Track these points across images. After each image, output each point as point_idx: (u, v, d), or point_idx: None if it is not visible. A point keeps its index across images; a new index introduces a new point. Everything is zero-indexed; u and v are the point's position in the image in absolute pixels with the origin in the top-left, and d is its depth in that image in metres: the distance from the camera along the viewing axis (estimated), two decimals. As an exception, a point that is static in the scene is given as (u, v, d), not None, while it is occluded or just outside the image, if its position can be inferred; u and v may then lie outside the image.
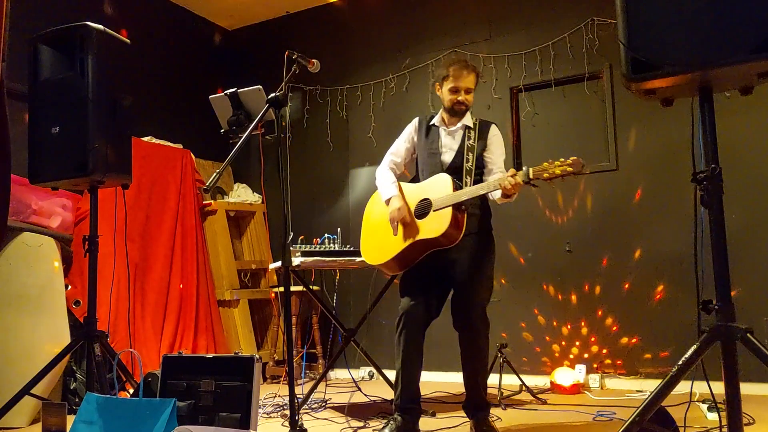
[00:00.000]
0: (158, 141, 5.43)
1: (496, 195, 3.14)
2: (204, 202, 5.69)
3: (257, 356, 2.64)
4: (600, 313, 4.62)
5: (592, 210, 4.76)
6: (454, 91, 3.35)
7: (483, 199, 3.30)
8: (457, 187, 3.16)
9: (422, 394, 3.33)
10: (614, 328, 4.57)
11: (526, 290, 4.91)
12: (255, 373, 2.62)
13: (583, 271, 4.72)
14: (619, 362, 4.52)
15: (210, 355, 2.77)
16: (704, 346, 1.96)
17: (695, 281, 2.20)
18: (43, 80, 3.39)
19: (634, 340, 4.49)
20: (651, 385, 4.32)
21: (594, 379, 4.45)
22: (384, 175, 3.47)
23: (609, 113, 4.79)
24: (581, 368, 4.44)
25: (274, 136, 2.61)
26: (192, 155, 5.61)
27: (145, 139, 5.33)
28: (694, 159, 2.22)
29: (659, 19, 1.97)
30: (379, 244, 3.36)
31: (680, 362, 1.96)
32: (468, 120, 3.41)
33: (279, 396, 4.26)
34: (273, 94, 2.66)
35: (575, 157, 2.86)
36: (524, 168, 2.93)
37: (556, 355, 4.72)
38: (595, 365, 4.56)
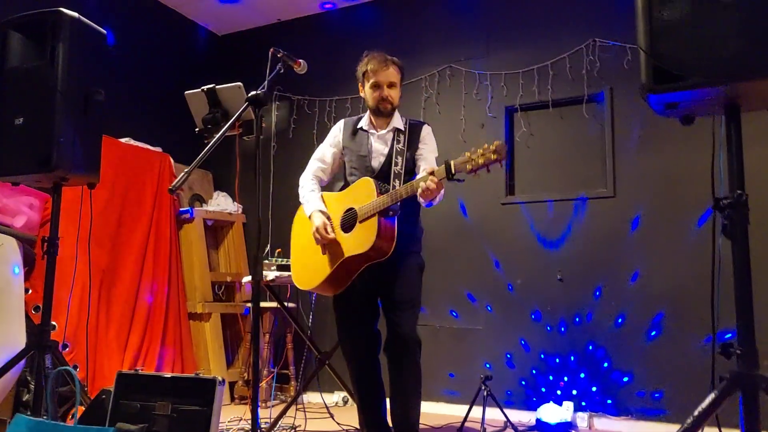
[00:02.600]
0: (136, 143, 5.18)
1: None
2: (181, 209, 5.43)
3: (220, 379, 2.38)
4: (591, 346, 4.40)
5: (586, 238, 4.55)
6: (376, 87, 3.10)
7: (413, 215, 3.06)
8: (383, 190, 2.88)
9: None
10: (605, 363, 4.34)
11: (513, 319, 4.68)
12: (216, 397, 2.36)
13: (574, 301, 4.50)
14: (609, 401, 4.29)
15: (168, 375, 2.51)
16: (723, 395, 1.73)
17: (711, 319, 1.99)
18: (10, 68, 3.13)
19: (625, 378, 4.27)
20: (642, 428, 4.11)
21: (582, 418, 4.21)
22: (307, 185, 3.21)
23: (608, 138, 4.60)
24: (569, 406, 4.20)
25: (252, 137, 2.36)
26: (171, 160, 5.35)
27: (123, 140, 5.08)
28: (714, 184, 2.02)
29: (685, 25, 1.76)
30: (309, 265, 3.08)
31: (696, 412, 1.73)
32: (398, 122, 3.16)
33: (244, 420, 3.98)
34: (253, 92, 2.43)
35: (498, 142, 2.60)
36: (445, 162, 2.68)
37: (542, 389, 4.48)
38: (583, 403, 4.32)
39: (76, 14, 3.09)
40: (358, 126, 3.22)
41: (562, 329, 4.51)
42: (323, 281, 2.99)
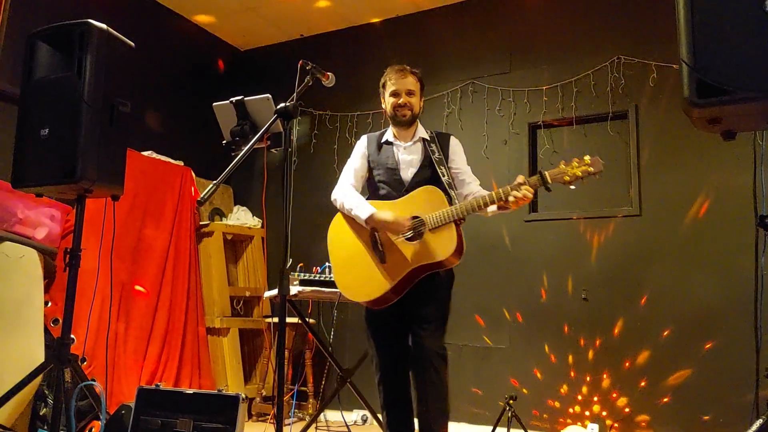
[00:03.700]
0: (158, 156, 5.19)
1: (490, 207, 2.91)
2: (201, 223, 5.41)
3: (243, 395, 2.34)
4: (615, 367, 4.31)
5: (611, 256, 4.47)
6: (394, 94, 3.12)
7: None
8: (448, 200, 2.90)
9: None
10: (632, 382, 4.25)
11: (538, 338, 4.60)
12: (239, 414, 2.32)
13: (599, 320, 4.42)
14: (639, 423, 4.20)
15: (190, 391, 2.48)
16: (771, 420, 1.67)
17: (755, 341, 1.92)
18: (37, 79, 3.14)
19: (650, 399, 4.17)
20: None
21: (607, 440, 4.13)
22: (348, 192, 3.13)
23: (633, 156, 4.54)
24: (593, 427, 4.11)
25: (280, 150, 2.34)
26: (192, 173, 5.36)
27: (145, 153, 5.09)
28: (756, 200, 1.96)
29: (730, 38, 1.71)
30: (366, 276, 2.98)
31: (741, 438, 1.67)
32: (422, 132, 3.16)
33: (265, 437, 3.93)
34: (282, 104, 2.41)
35: (592, 156, 2.71)
36: (539, 172, 2.77)
37: (569, 410, 4.39)
38: (608, 422, 4.23)
39: (104, 26, 3.08)
40: (383, 140, 3.21)
41: (587, 349, 4.42)
42: (388, 291, 2.90)
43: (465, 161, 3.17)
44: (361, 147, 3.26)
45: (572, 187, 2.77)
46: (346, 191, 3.14)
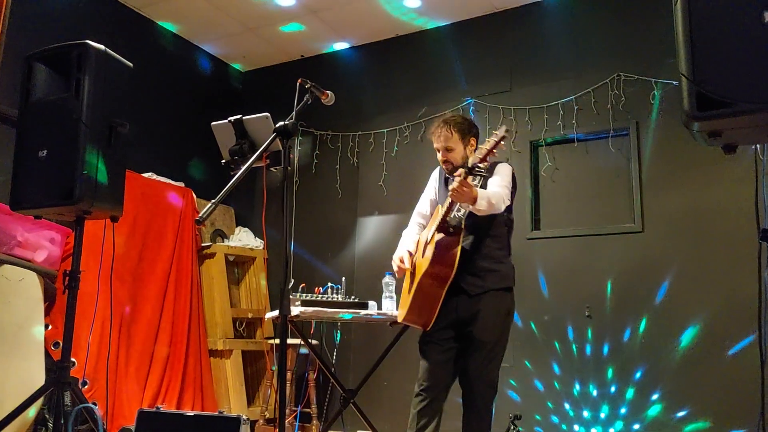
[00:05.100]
0: (158, 178, 5.19)
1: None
2: (203, 245, 5.40)
3: (244, 417, 2.31)
4: (621, 384, 4.26)
5: (615, 273, 4.45)
6: (437, 151, 3.19)
7: (503, 249, 3.10)
8: None
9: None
10: (637, 400, 4.20)
11: (542, 356, 4.56)
12: (240, 436, 2.28)
13: (604, 338, 4.38)
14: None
15: (191, 413, 2.44)
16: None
17: (759, 353, 1.89)
18: (35, 100, 3.13)
19: (660, 415, 4.12)
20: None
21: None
22: (405, 233, 3.34)
23: (635, 172, 4.52)
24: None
25: (279, 168, 2.32)
26: (193, 194, 5.35)
27: (146, 175, 5.09)
28: (758, 213, 1.94)
29: (730, 50, 1.70)
30: (402, 300, 3.18)
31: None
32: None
33: (267, 460, 3.88)
34: (281, 123, 2.40)
35: (502, 127, 2.73)
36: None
37: (565, 427, 4.34)
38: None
39: (102, 47, 3.08)
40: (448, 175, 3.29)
41: (591, 366, 4.38)
42: (408, 311, 3.02)
43: (500, 179, 3.11)
44: (433, 182, 3.38)
45: (493, 153, 2.71)
46: (406, 231, 3.35)
